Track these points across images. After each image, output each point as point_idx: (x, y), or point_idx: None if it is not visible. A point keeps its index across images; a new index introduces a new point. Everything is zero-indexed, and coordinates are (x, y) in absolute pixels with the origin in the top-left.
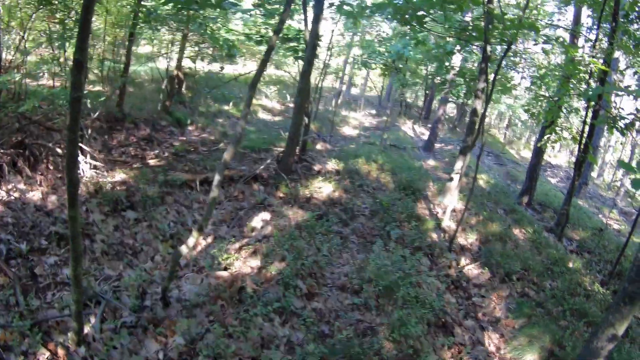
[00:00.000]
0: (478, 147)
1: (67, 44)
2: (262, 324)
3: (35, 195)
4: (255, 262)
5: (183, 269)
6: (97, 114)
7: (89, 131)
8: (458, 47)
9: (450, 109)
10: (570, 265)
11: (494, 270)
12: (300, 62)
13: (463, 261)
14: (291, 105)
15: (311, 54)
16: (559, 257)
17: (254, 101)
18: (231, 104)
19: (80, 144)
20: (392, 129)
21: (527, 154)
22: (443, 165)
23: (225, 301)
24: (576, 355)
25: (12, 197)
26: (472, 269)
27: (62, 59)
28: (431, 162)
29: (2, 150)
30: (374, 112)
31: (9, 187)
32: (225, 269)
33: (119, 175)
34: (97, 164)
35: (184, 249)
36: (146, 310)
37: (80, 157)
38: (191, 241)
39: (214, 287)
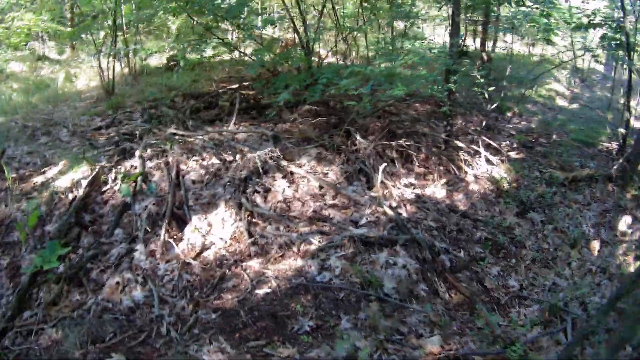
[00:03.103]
0: None
1: None
2: None
3: (435, 192)
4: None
5: (586, 275)
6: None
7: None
8: None
9: None
10: None
11: None
12: None
13: None
14: (576, 90)
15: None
16: None
17: (547, 86)
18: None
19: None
20: None
21: None
22: None
23: None
24: None
25: (414, 194)
26: None
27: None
28: None
29: (381, 142)
30: None
31: (402, 181)
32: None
33: (499, 170)
34: (492, 157)
35: None
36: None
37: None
38: None
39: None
